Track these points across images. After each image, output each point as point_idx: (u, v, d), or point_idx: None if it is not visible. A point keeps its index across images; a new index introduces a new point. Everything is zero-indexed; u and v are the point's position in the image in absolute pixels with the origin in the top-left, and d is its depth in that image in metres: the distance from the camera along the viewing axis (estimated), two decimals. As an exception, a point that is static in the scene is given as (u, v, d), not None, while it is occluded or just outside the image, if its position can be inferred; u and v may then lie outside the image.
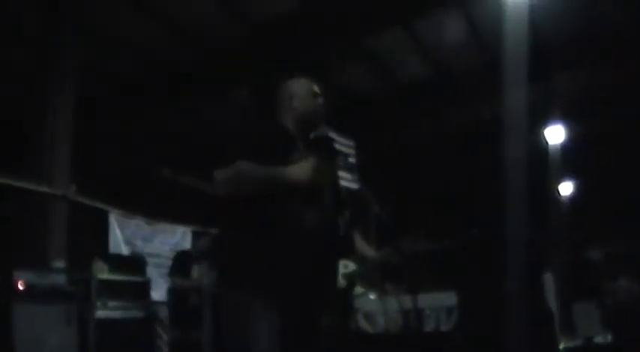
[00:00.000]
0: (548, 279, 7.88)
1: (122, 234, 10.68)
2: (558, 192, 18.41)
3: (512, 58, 10.12)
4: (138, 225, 11.06)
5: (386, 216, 4.41)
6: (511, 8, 9.94)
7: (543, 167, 15.60)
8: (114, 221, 10.65)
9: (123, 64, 11.39)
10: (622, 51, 12.93)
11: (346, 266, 4.59)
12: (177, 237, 11.57)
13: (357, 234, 5.09)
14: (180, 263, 8.45)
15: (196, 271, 8.14)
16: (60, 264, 7.98)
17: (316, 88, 3.54)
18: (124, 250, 10.54)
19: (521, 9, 9.91)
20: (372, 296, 7.51)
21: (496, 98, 11.18)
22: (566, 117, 15.58)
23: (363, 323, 7.87)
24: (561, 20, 11.64)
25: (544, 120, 15.49)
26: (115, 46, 10.95)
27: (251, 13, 10.81)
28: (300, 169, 3.15)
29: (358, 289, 4.70)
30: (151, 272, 9.55)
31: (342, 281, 4.34)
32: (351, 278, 4.52)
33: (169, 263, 9.05)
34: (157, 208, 11.79)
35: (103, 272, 7.78)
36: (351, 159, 13.26)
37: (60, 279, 7.16)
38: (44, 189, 8.76)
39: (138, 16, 10.35)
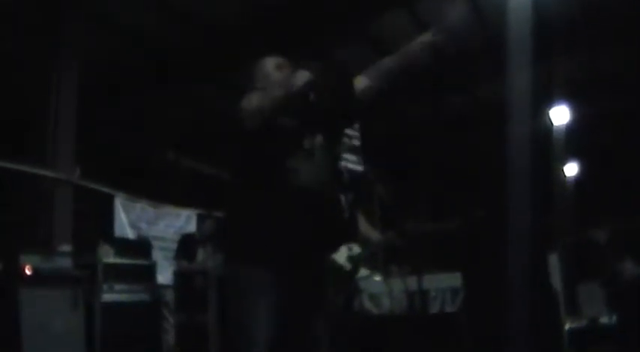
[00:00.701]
0: (553, 260, 7.86)
1: (127, 217, 10.72)
2: (563, 172, 18.39)
3: (516, 38, 10.05)
4: (143, 208, 11.10)
5: (390, 198, 4.41)
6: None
7: (548, 148, 15.56)
8: (119, 205, 10.68)
9: (125, 48, 11.33)
10: (626, 31, 12.87)
11: (350, 249, 4.59)
12: (182, 221, 11.60)
13: (361, 217, 5.10)
14: (186, 246, 8.50)
15: (201, 254, 8.17)
16: (66, 248, 8.02)
17: (282, 62, 3.53)
18: (130, 234, 10.58)
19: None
20: (377, 278, 7.52)
21: (500, 79, 11.13)
22: (571, 98, 15.52)
23: (369, 305, 7.89)
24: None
25: (548, 101, 15.42)
26: (117, 30, 10.89)
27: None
28: (296, 76, 3.16)
29: (363, 271, 4.70)
30: (156, 255, 9.59)
31: (346, 264, 4.35)
32: (356, 261, 4.52)
33: (174, 246, 9.10)
34: (162, 191, 11.82)
35: (108, 256, 7.82)
36: (355, 142, 13.30)
37: (66, 263, 7.21)
38: (49, 173, 8.79)
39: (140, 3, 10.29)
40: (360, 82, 3.52)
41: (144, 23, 10.74)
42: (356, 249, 4.71)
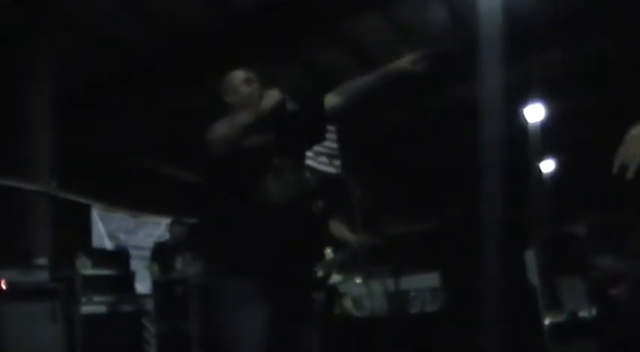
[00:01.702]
0: (530, 256, 7.91)
1: (105, 228, 10.64)
2: (540, 169, 18.53)
3: (488, 36, 10.14)
4: (121, 218, 11.04)
5: (367, 200, 4.41)
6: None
7: (523, 145, 15.67)
8: (96, 215, 10.61)
9: (100, 55, 11.26)
10: (598, 27, 12.98)
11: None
12: (161, 229, 11.53)
13: (336, 221, 5.11)
14: (158, 253, 8.45)
15: (180, 262, 8.12)
16: (43, 261, 7.93)
17: (250, 75, 3.55)
18: (108, 244, 10.51)
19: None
20: (358, 280, 7.53)
21: (475, 78, 11.20)
22: (546, 96, 15.62)
23: (350, 308, 7.90)
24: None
25: (523, 99, 15.53)
26: (91, 38, 10.82)
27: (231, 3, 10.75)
28: (268, 97, 3.21)
29: (336, 277, 4.72)
30: (136, 265, 9.51)
31: (319, 270, 4.37)
32: (329, 267, 4.55)
33: (155, 255, 9.02)
34: (141, 200, 11.76)
35: (86, 268, 7.75)
36: (333, 144, 13.30)
37: (43, 276, 7.12)
38: (24, 185, 8.71)
39: (113, 6, 10.23)
40: (330, 100, 3.52)
41: (119, 29, 10.68)
42: (329, 253, 4.73)
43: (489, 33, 10.13)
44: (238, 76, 3.59)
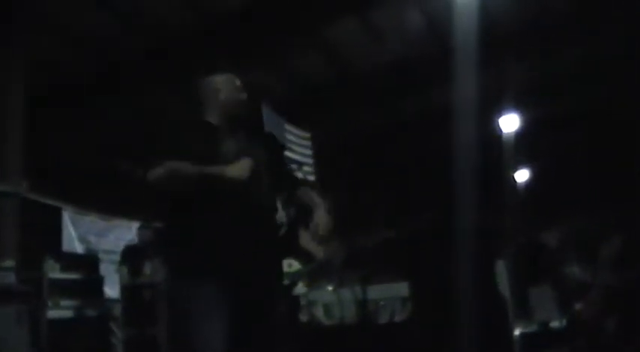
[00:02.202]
0: (501, 266, 7.94)
1: (75, 230, 10.55)
2: (514, 179, 18.63)
3: (463, 44, 10.19)
4: (92, 221, 10.94)
5: (337, 207, 4.40)
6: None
7: (497, 154, 15.76)
8: (67, 218, 10.50)
9: (72, 56, 11.16)
10: (571, 37, 13.11)
11: (290, 265, 4.60)
12: (133, 233, 11.44)
13: (304, 231, 5.08)
14: (127, 257, 8.39)
15: (149, 267, 8.07)
16: (9, 263, 7.83)
17: (239, 83, 3.55)
18: (78, 247, 10.42)
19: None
20: (329, 288, 7.53)
21: (450, 86, 11.25)
22: (520, 105, 15.71)
23: (321, 316, 7.88)
24: (511, 6, 11.74)
25: (497, 108, 15.61)
26: (63, 38, 10.73)
27: (205, 4, 10.70)
28: (237, 167, 3.19)
29: (301, 288, 4.71)
30: (107, 269, 9.44)
31: (285, 281, 4.35)
32: (294, 277, 4.54)
33: (126, 259, 8.95)
34: (112, 203, 11.64)
35: (54, 271, 7.68)
36: (307, 151, 13.30)
37: (10, 278, 7.06)
38: (-5, 186, 8.60)
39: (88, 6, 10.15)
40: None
41: (93, 30, 10.60)
42: (295, 265, 4.71)
43: (465, 39, 10.18)
44: (231, 79, 3.57)
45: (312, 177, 12.84)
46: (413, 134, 16.33)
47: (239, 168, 3.18)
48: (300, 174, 10.07)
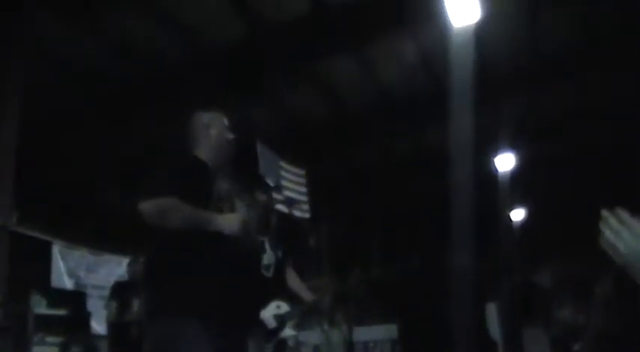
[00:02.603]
0: (492, 309, 7.86)
1: (65, 264, 10.44)
2: (510, 218, 18.56)
3: (459, 83, 10.22)
4: (82, 255, 10.83)
5: (319, 249, 4.38)
6: (457, 34, 10.03)
7: (492, 194, 15.72)
8: (57, 252, 10.40)
9: (64, 87, 11.14)
10: (565, 76, 13.20)
11: (279, 307, 4.55)
12: (123, 268, 11.32)
13: (292, 272, 5.04)
14: (117, 293, 8.27)
15: (137, 304, 7.95)
16: (-4, 297, 7.73)
17: (227, 122, 3.57)
18: (67, 282, 10.31)
19: (466, 35, 10.02)
20: (320, 329, 7.45)
21: (444, 124, 11.27)
22: (516, 144, 15.74)
23: (310, 356, 7.79)
24: (506, 46, 11.81)
25: (493, 147, 15.63)
26: (55, 69, 10.73)
27: (202, 39, 10.73)
28: (230, 221, 3.21)
29: (288, 330, 4.65)
30: (95, 304, 9.34)
31: (271, 322, 4.30)
32: (282, 319, 4.49)
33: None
34: (103, 238, 11.55)
35: (40, 306, 7.58)
36: (301, 188, 13.26)
37: (-6, 314, 6.95)
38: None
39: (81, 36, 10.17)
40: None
41: (83, 60, 10.60)
42: (284, 306, 4.66)
43: (460, 78, 10.21)
44: (221, 118, 3.61)
45: (306, 215, 12.79)
46: (406, 173, 16.34)
47: (230, 222, 3.20)
48: (293, 212, 10.00)
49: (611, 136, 15.97)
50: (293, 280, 5.01)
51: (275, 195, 5.49)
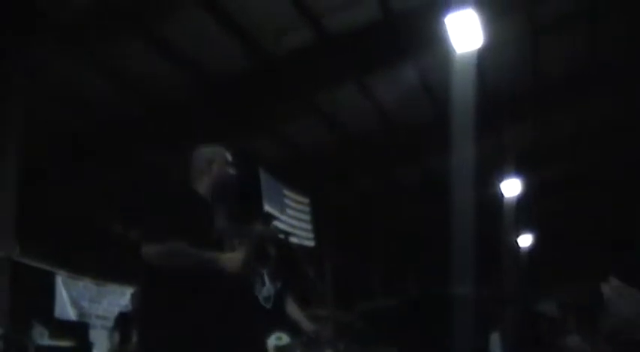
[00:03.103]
0: (495, 338, 7.77)
1: (69, 295, 10.37)
2: (516, 244, 18.47)
3: (460, 110, 10.23)
4: (85, 286, 10.77)
5: (316, 279, 4.35)
6: (459, 61, 10.05)
7: (496, 220, 15.65)
8: (60, 282, 10.35)
9: (67, 120, 11.19)
10: (567, 101, 13.24)
11: (280, 338, 4.52)
12: (127, 299, 11.25)
13: (292, 303, 5.00)
14: (120, 324, 8.20)
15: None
16: (-2, 329, 7.69)
17: (231, 157, 3.54)
18: (71, 312, 10.24)
19: (468, 62, 10.04)
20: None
21: (447, 150, 11.27)
22: (521, 170, 15.69)
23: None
24: (508, 72, 11.84)
25: (498, 173, 15.59)
26: (58, 102, 10.79)
27: (204, 71, 10.78)
28: (232, 260, 3.20)
29: None
30: (99, 335, 9.28)
31: None
32: (283, 351, 4.47)
33: (119, 326, 8.77)
34: (106, 267, 11.51)
35: (42, 338, 7.52)
36: (305, 216, 13.25)
37: (-5, 346, 6.91)
38: (-15, 251, 8.49)
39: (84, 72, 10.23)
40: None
41: (84, 91, 10.65)
42: (285, 338, 4.62)
43: (462, 105, 10.22)
44: (223, 153, 3.57)
45: (310, 243, 12.76)
46: (408, 200, 16.30)
47: (232, 262, 3.19)
48: (295, 240, 9.96)
49: (616, 161, 15.95)
50: (293, 310, 4.97)
51: (276, 225, 5.46)
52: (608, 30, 11.31)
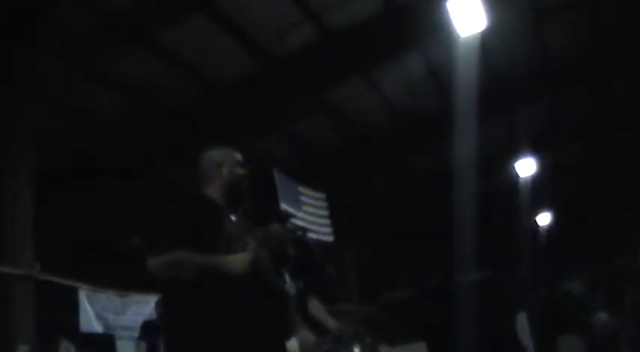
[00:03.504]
0: (522, 319, 7.74)
1: (93, 308, 10.37)
2: (536, 224, 18.39)
3: (466, 94, 10.19)
4: (109, 298, 10.77)
5: (336, 275, 4.33)
6: (463, 45, 10.01)
7: (512, 203, 15.60)
8: (83, 296, 10.37)
9: (81, 133, 11.23)
10: (580, 80, 13.14)
11: (305, 340, 4.49)
12: (150, 308, 11.27)
13: (315, 301, 4.98)
14: (146, 332, 8.22)
15: (165, 344, 7.89)
16: (24, 348, 7.71)
17: (240, 158, 3.51)
18: (96, 325, 10.24)
19: (472, 46, 9.99)
20: (356, 350, 7.34)
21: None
22: (534, 151, 15.61)
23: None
24: (515, 54, 11.77)
25: (512, 155, 15.53)
26: (71, 116, 10.83)
27: (211, 75, 10.78)
28: (238, 262, 3.13)
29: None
30: (125, 346, 9.30)
31: None
32: (308, 351, 4.44)
33: (144, 336, 8.78)
34: (127, 278, 11.53)
35: (69, 353, 7.55)
36: (323, 211, 13.20)
37: (24, 364, 6.94)
38: (7, 269, 8.53)
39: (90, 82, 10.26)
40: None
41: (96, 107, 10.69)
42: (310, 337, 4.58)
43: (466, 95, 10.19)
44: (233, 154, 3.53)
45: (329, 238, 12.71)
46: (425, 190, 16.23)
47: (237, 263, 3.12)
48: (313, 236, 9.92)
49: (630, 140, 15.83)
50: (317, 310, 4.94)
51: (293, 223, 5.42)
52: (612, 13, 11.21)
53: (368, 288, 13.89)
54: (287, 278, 4.71)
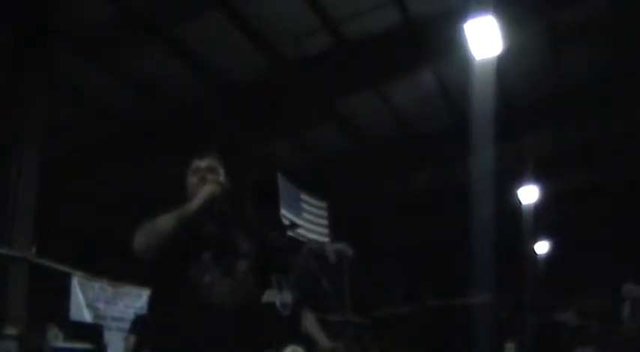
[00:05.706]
0: (510, 349, 7.73)
1: (84, 296, 10.33)
2: (534, 251, 18.36)
3: (480, 117, 10.18)
4: (101, 287, 10.73)
5: (332, 288, 4.30)
6: (478, 68, 10.01)
7: (515, 228, 15.55)
8: (76, 284, 10.33)
9: (87, 123, 11.25)
10: (587, 109, 13.12)
11: (295, 351, 4.47)
12: (142, 301, 11.23)
13: (309, 314, 4.94)
14: (137, 326, 8.21)
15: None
16: (13, 330, 7.69)
17: (198, 164, 3.40)
18: (86, 313, 10.20)
19: (488, 69, 9.99)
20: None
21: (465, 158, 11.21)
22: (539, 177, 15.59)
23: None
24: (528, 79, 11.76)
25: (516, 180, 15.50)
26: (78, 105, 10.85)
27: (226, 77, 10.79)
28: (199, 193, 3.14)
29: None
30: (114, 337, 9.29)
31: None
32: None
33: (135, 328, 8.77)
34: (123, 269, 11.51)
35: (57, 340, 7.53)
36: (323, 220, 13.19)
37: (11, 347, 6.92)
38: (4, 251, 8.52)
39: (102, 75, 10.27)
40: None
41: (105, 97, 10.71)
42: (300, 351, 4.56)
43: (481, 112, 10.18)
44: (192, 164, 3.41)
45: (330, 247, 12.68)
46: (427, 207, 16.21)
47: (200, 193, 3.13)
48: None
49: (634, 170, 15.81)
50: (311, 323, 4.90)
51: (293, 232, 5.40)
52: (629, 38, 11.20)
53: (363, 303, 13.87)
54: (284, 285, 4.67)
